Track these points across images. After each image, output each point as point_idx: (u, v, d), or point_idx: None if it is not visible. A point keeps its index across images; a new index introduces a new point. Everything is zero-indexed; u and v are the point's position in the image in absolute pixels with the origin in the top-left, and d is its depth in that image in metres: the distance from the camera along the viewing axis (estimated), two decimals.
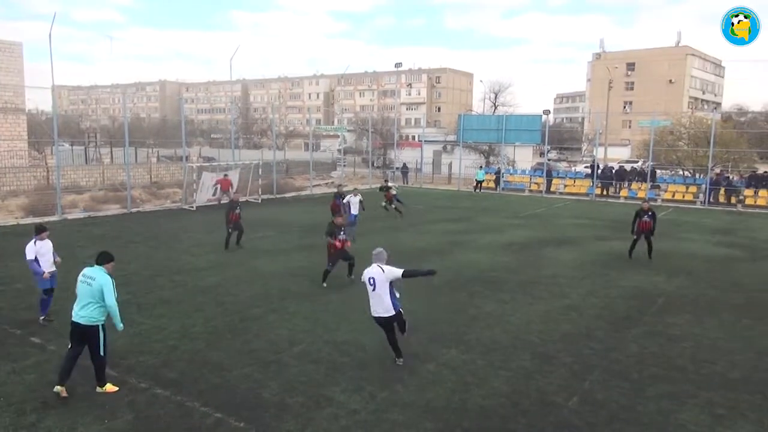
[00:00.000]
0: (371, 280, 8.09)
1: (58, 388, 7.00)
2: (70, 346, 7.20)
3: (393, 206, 22.82)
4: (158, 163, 40.14)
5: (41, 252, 9.66)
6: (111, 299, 7.13)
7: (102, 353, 7.17)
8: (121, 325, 7.41)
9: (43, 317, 9.74)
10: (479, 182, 36.70)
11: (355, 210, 18.76)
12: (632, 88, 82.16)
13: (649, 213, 15.79)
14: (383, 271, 8.09)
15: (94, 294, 7.06)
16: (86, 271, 7.28)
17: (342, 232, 12.66)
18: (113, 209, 24.47)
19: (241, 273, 13.68)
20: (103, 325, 7.17)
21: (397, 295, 8.28)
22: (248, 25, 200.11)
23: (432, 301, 11.64)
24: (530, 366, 8.45)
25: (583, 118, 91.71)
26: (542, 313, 10.99)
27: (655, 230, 15.87)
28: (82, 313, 7.07)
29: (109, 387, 7.28)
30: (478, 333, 9.82)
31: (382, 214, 22.57)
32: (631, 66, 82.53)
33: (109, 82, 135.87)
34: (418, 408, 7.09)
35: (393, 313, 8.12)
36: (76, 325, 7.12)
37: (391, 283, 8.12)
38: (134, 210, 24.34)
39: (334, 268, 12.67)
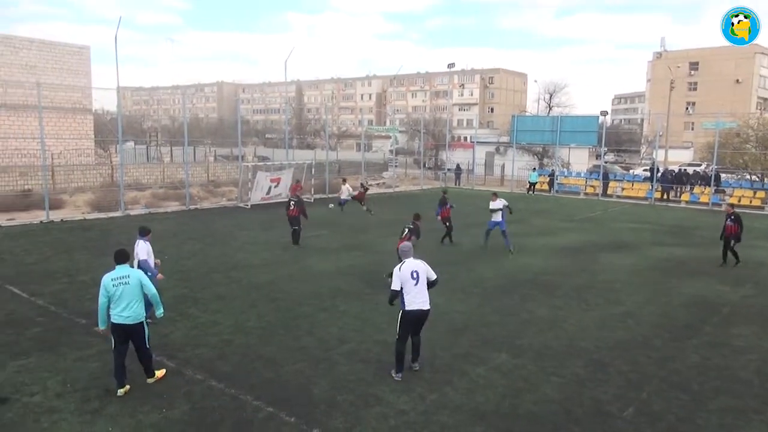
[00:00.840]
0: (414, 274, 7.73)
1: (121, 390, 7.15)
2: (114, 347, 7.21)
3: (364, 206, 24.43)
4: (215, 161, 41.32)
5: (149, 253, 9.71)
6: (153, 288, 7.37)
7: (148, 345, 7.37)
8: (162, 310, 7.63)
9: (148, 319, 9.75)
10: (532, 184, 36.07)
11: (498, 216, 16.65)
12: (695, 89, 78.93)
13: (732, 216, 15.21)
14: (424, 264, 7.94)
15: (135, 291, 7.14)
16: (113, 274, 7.20)
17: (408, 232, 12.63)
18: (172, 206, 25.31)
19: (294, 271, 13.90)
20: (145, 319, 7.35)
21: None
22: (303, 26, 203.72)
23: (483, 303, 11.51)
24: (584, 373, 8.24)
25: (642, 120, 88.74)
26: (597, 320, 10.71)
27: (741, 236, 15.30)
28: (127, 313, 7.09)
29: (159, 373, 7.52)
30: (530, 338, 9.65)
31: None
32: (694, 65, 79.30)
33: (169, 83, 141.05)
34: (467, 411, 7.03)
35: (429, 307, 7.88)
36: (121, 327, 7.12)
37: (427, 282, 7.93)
38: (192, 207, 25.11)
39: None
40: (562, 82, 75.63)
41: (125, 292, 7.10)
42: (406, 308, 7.76)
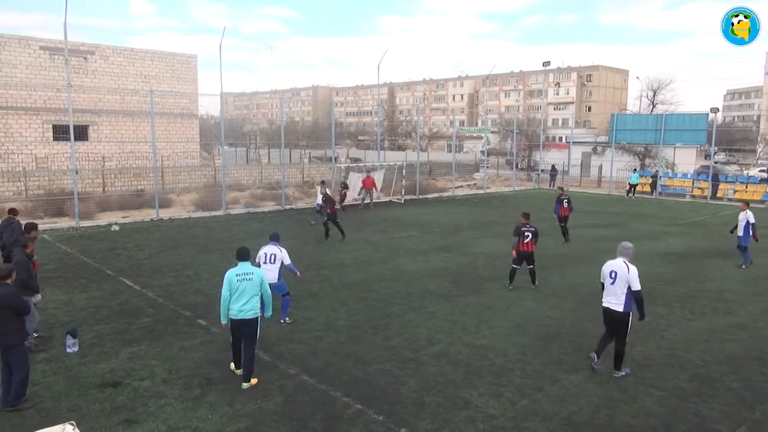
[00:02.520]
0: (612, 274, 7.95)
1: (238, 371, 7.76)
2: (233, 342, 7.78)
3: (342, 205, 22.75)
4: (309, 163, 42.55)
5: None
6: (269, 290, 7.83)
7: (256, 344, 7.72)
8: (271, 312, 8.14)
9: (287, 319, 10.02)
10: (633, 186, 34.23)
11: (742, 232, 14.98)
12: None
13: None
14: (628, 269, 7.84)
15: (256, 287, 7.54)
16: (237, 270, 7.54)
17: (529, 234, 12.34)
18: (269, 206, 26.36)
19: (384, 271, 14.05)
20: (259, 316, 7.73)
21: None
22: (397, 29, 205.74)
23: (579, 310, 11.09)
24: (688, 388, 7.72)
25: (759, 116, 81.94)
26: (704, 331, 10.00)
27: None
28: (248, 307, 7.45)
29: (254, 380, 7.61)
30: (628, 347, 9.08)
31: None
32: None
33: (268, 88, 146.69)
34: (559, 420, 6.79)
35: (623, 310, 7.82)
36: (239, 322, 7.47)
37: (629, 288, 7.79)
38: (287, 207, 26.03)
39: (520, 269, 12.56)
40: (667, 78, 71.13)
41: (248, 288, 7.48)
42: (602, 303, 8.11)
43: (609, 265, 8.06)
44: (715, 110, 37.42)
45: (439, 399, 7.26)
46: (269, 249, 9.98)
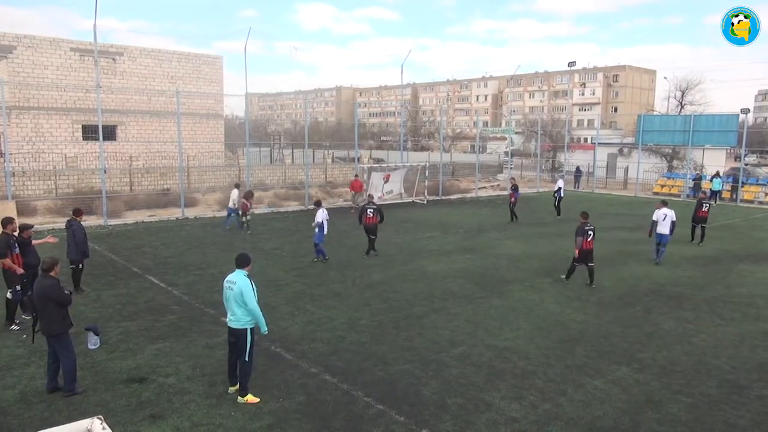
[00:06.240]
0: None
1: (231, 389, 7.31)
2: (229, 351, 7.36)
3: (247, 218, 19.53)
4: (332, 163, 42.71)
5: None
6: (252, 303, 7.01)
7: (247, 359, 7.10)
8: (266, 328, 7.26)
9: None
10: (715, 193, 31.05)
11: None
12: None
13: None
14: None
15: (237, 298, 7.01)
16: (229, 276, 7.21)
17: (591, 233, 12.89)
18: (292, 206, 26.54)
19: (406, 271, 14.04)
20: (252, 329, 7.11)
21: None
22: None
23: (603, 313, 10.95)
24: (716, 394, 7.57)
25: None
26: (733, 337, 9.79)
27: None
28: (231, 317, 7.12)
29: (250, 398, 7.14)
30: (654, 352, 9.02)
31: (548, 219, 21.73)
32: None
33: (292, 89, 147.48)
34: (582, 425, 6.71)
35: None
36: (229, 330, 7.20)
37: None
38: (310, 207, 26.12)
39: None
40: (697, 79, 69.42)
41: (228, 296, 7.13)
42: None
43: None
44: (745, 111, 36.59)
45: (460, 401, 7.24)
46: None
